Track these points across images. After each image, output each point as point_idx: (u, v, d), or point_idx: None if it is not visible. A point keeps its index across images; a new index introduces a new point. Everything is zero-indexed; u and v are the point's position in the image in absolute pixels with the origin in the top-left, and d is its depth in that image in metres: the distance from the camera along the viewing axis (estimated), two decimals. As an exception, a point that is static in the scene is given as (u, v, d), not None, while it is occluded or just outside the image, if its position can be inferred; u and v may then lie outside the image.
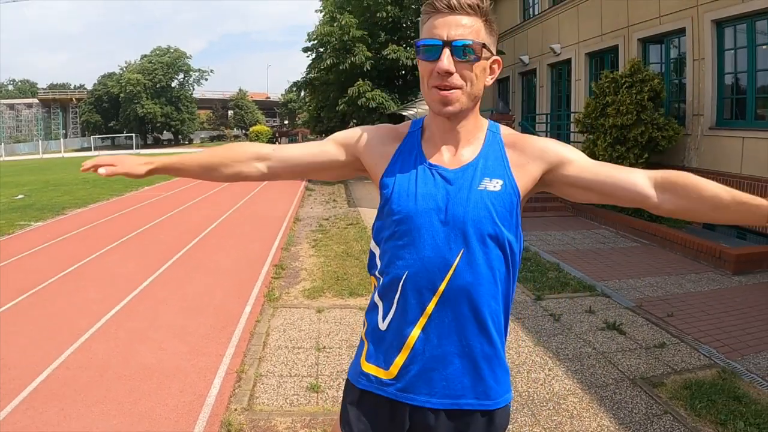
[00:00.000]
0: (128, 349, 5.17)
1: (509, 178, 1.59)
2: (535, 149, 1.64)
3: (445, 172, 1.59)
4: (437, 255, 1.53)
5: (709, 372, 4.63)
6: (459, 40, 1.46)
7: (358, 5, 19.59)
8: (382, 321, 1.63)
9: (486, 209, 1.53)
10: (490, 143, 1.65)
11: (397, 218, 1.58)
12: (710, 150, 10.36)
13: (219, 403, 4.15)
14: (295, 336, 5.47)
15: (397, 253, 1.59)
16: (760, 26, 9.42)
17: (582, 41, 15.42)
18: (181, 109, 79.87)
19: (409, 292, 1.56)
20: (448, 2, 1.47)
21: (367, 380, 1.64)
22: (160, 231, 11.03)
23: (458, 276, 1.52)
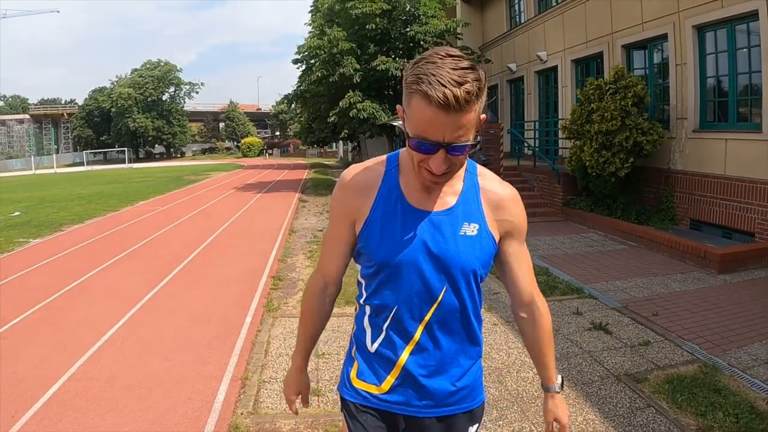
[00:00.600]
0: (136, 360, 5.33)
1: (483, 223, 1.66)
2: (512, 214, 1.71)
3: (429, 216, 1.63)
4: (424, 291, 1.63)
5: (692, 367, 4.81)
6: (457, 144, 1.43)
7: (347, 18, 19.70)
8: (371, 344, 1.74)
9: (466, 253, 1.62)
10: (468, 186, 1.69)
11: (383, 261, 1.65)
12: (694, 152, 10.57)
13: (226, 408, 4.32)
14: (294, 344, 5.61)
15: (384, 290, 1.68)
16: (739, 30, 9.64)
17: (568, 48, 15.66)
18: (172, 122, 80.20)
19: (397, 324, 1.68)
20: (446, 100, 1.34)
21: (360, 396, 1.76)
22: (159, 245, 11.15)
23: (443, 306, 1.65)
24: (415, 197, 1.65)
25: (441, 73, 1.35)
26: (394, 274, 1.64)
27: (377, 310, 1.72)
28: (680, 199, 10.87)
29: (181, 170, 44.31)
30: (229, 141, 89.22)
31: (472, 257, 1.63)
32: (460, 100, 1.34)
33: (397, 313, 1.67)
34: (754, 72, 9.36)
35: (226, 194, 22.01)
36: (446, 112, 1.36)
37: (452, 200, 1.65)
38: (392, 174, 1.70)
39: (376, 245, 1.66)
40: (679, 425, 3.86)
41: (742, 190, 9.38)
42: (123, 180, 34.16)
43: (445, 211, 1.64)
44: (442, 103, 1.34)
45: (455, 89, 1.33)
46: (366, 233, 1.68)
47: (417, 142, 1.45)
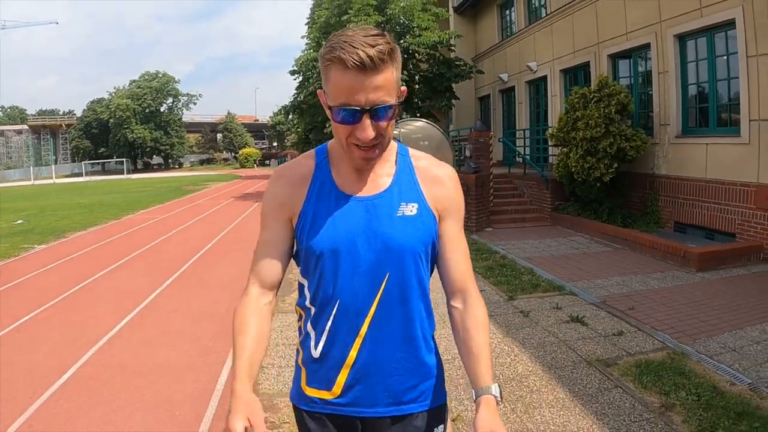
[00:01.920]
0: (144, 350, 5.70)
1: (422, 201, 1.63)
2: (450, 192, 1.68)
3: (363, 201, 1.60)
4: (365, 281, 1.57)
5: (661, 354, 5.13)
6: (380, 106, 1.43)
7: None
8: (315, 348, 1.65)
9: (406, 234, 1.57)
10: (402, 168, 1.66)
11: (321, 252, 1.59)
12: (677, 157, 10.90)
13: (228, 389, 4.66)
14: (291, 335, 5.98)
15: (325, 285, 1.61)
16: (718, 39, 9.99)
17: (556, 58, 16.03)
18: (170, 133, 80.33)
19: (342, 318, 1.59)
20: (361, 60, 1.37)
21: (313, 403, 1.68)
22: (161, 250, 11.49)
23: (387, 297, 1.58)
24: (348, 184, 1.63)
25: (353, 39, 1.39)
26: (332, 265, 1.59)
27: (320, 308, 1.64)
28: (664, 202, 11.20)
29: (180, 180, 44.62)
30: (227, 152, 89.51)
31: (413, 238, 1.59)
32: (374, 59, 1.36)
33: (340, 308, 1.60)
34: (732, 78, 9.70)
35: (224, 203, 22.33)
36: (363, 73, 1.38)
37: (386, 182, 1.63)
38: (323, 165, 1.68)
39: (312, 236, 1.61)
40: (643, 402, 4.17)
41: (722, 193, 9.71)
42: (122, 190, 34.50)
43: (379, 194, 1.61)
44: (358, 64, 1.36)
45: (368, 49, 1.36)
46: (301, 226, 1.64)
47: (339, 111, 1.44)
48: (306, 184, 1.66)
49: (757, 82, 8.87)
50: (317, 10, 22.81)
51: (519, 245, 10.58)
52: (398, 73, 1.47)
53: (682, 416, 3.95)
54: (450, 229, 1.68)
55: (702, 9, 9.92)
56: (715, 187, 9.86)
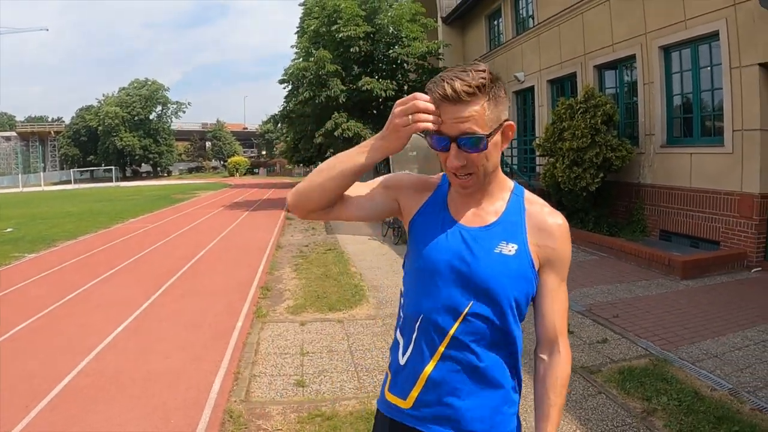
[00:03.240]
0: (138, 358, 5.78)
1: (524, 244, 1.63)
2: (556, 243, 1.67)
3: (465, 230, 1.64)
4: (449, 304, 1.60)
5: (644, 361, 5.24)
6: (463, 137, 1.49)
7: (332, 40, 20.10)
8: (402, 356, 1.72)
9: (498, 272, 1.58)
10: (512, 206, 1.69)
11: (417, 266, 1.68)
12: (662, 166, 11.05)
13: (221, 397, 4.81)
14: (282, 344, 6.10)
15: (416, 297, 1.68)
16: (702, 50, 10.16)
17: (544, 69, 16.18)
18: (159, 141, 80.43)
19: (424, 333, 1.64)
20: (445, 93, 1.46)
21: (390, 408, 1.75)
22: (152, 260, 11.55)
23: (469, 324, 1.59)
24: (457, 211, 1.68)
25: (447, 74, 1.50)
26: (425, 280, 1.65)
27: (409, 317, 1.71)
28: (650, 211, 11.34)
29: (169, 189, 44.70)
30: (216, 160, 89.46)
31: (503, 277, 1.59)
32: (458, 91, 1.44)
33: (424, 322, 1.64)
34: (716, 89, 9.85)
35: (214, 212, 22.41)
36: (448, 103, 1.47)
37: (492, 218, 1.67)
38: (443, 188, 1.75)
39: (413, 250, 1.71)
40: (626, 408, 4.28)
41: (707, 202, 9.85)
42: (111, 198, 34.54)
43: (483, 227, 1.65)
44: (441, 95, 1.46)
45: (454, 82, 1.45)
46: (412, 231, 1.74)
47: (431, 137, 1.54)
48: (426, 195, 1.76)
49: (741, 93, 9.02)
50: (307, 19, 22.91)
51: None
52: (497, 107, 1.52)
53: (664, 421, 4.06)
54: (550, 280, 1.68)
55: (686, 21, 10.09)
56: (700, 196, 10.00)
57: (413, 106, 1.49)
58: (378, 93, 19.50)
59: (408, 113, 1.50)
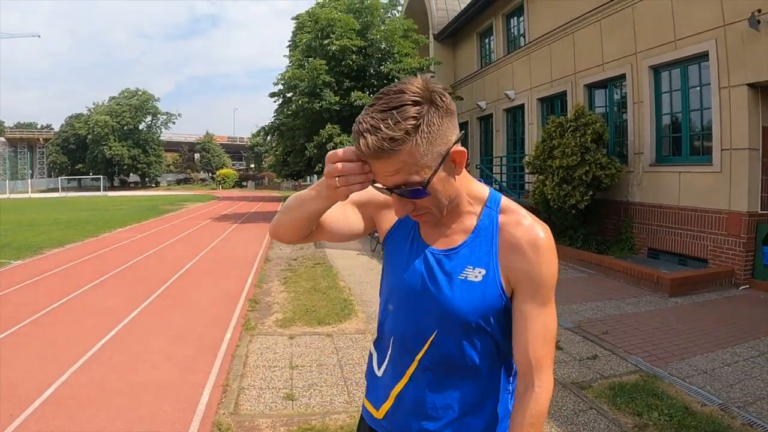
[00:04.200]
0: (124, 369, 5.67)
1: (493, 268, 1.49)
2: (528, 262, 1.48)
3: (431, 253, 1.55)
4: (415, 330, 1.55)
5: (634, 377, 5.25)
6: (396, 188, 1.36)
7: (324, 54, 20.16)
8: (378, 368, 1.70)
9: (460, 300, 1.48)
10: (484, 224, 1.54)
11: (389, 286, 1.65)
12: (651, 185, 11.13)
13: (209, 409, 4.72)
14: (271, 357, 6.02)
15: (388, 316, 1.65)
16: (692, 70, 10.29)
17: (534, 87, 16.29)
18: (148, 151, 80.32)
19: (396, 352, 1.61)
20: (362, 151, 1.32)
21: (366, 413, 1.75)
22: (139, 270, 11.42)
23: (435, 352, 1.53)
24: (428, 232, 1.59)
25: (364, 118, 1.32)
26: (396, 302, 1.61)
27: (382, 335, 1.70)
28: (638, 229, 11.40)
29: (157, 200, 44.52)
30: (204, 172, 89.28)
31: (466, 306, 1.48)
32: (372, 147, 1.28)
33: (395, 343, 1.62)
34: (705, 109, 9.97)
35: (202, 224, 22.29)
36: (372, 159, 1.32)
37: (460, 239, 1.55)
38: None
39: (388, 266, 1.67)
40: (617, 423, 4.27)
41: (695, 220, 9.93)
42: (99, 207, 34.32)
43: (447, 250, 1.54)
44: (363, 152, 1.32)
45: (369, 137, 1.28)
46: (386, 248, 1.69)
47: (376, 185, 1.41)
48: None
49: (729, 113, 9.13)
50: (299, 33, 23.01)
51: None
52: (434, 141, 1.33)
53: (655, 436, 4.05)
54: (523, 305, 1.49)
55: (676, 42, 10.22)
56: (688, 214, 10.08)
57: (335, 170, 1.35)
58: (370, 108, 19.53)
59: (333, 176, 1.36)
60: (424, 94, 1.32)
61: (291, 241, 1.69)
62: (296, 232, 1.63)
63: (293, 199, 1.60)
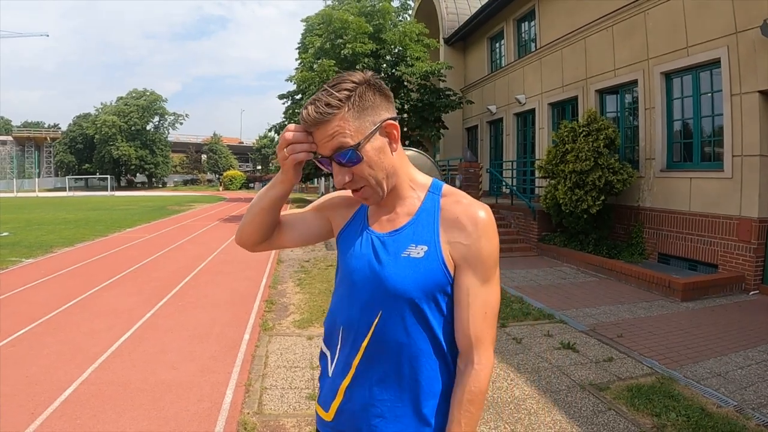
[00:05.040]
0: (144, 368, 5.72)
1: (434, 244, 1.54)
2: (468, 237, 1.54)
3: (376, 236, 1.61)
4: (360, 314, 1.56)
5: (650, 379, 5.34)
6: (335, 153, 1.48)
7: (336, 57, 20.21)
8: (330, 366, 1.69)
9: (403, 276, 1.51)
10: (426, 205, 1.61)
11: (339, 278, 1.70)
12: (662, 190, 11.23)
13: (233, 409, 4.78)
14: (291, 358, 6.08)
15: (336, 307, 1.68)
16: (703, 77, 10.39)
17: (545, 92, 16.41)
18: (155, 152, 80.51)
19: (344, 345, 1.62)
20: (304, 120, 1.48)
21: (318, 420, 1.74)
22: (152, 269, 11.50)
23: (379, 335, 1.54)
24: (373, 219, 1.67)
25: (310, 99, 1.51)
26: (343, 292, 1.65)
27: (330, 329, 1.70)
28: (649, 234, 11.49)
29: (164, 200, 44.58)
30: (211, 173, 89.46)
31: (410, 282, 1.51)
32: (311, 114, 1.45)
33: (341, 336, 1.63)
34: (716, 115, 10.06)
35: (212, 224, 22.40)
36: (313, 128, 1.48)
37: (404, 220, 1.61)
38: None
39: (339, 260, 1.73)
40: (637, 424, 4.37)
41: (705, 225, 10.02)
42: (107, 207, 34.40)
43: (392, 231, 1.60)
44: (305, 121, 1.48)
45: (310, 107, 1.46)
46: (338, 246, 1.75)
47: (319, 160, 1.54)
48: (354, 210, 1.76)
49: (741, 120, 9.22)
50: (309, 36, 23.06)
51: (507, 274, 10.79)
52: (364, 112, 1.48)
53: (674, 436, 4.16)
54: (465, 280, 1.53)
55: (689, 48, 10.32)
56: (699, 220, 10.16)
57: (283, 140, 1.52)
58: (381, 110, 19.56)
59: (282, 148, 1.53)
60: (361, 79, 1.49)
61: (255, 244, 1.78)
62: (259, 229, 1.73)
63: (254, 198, 1.74)
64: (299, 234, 1.82)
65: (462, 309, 1.53)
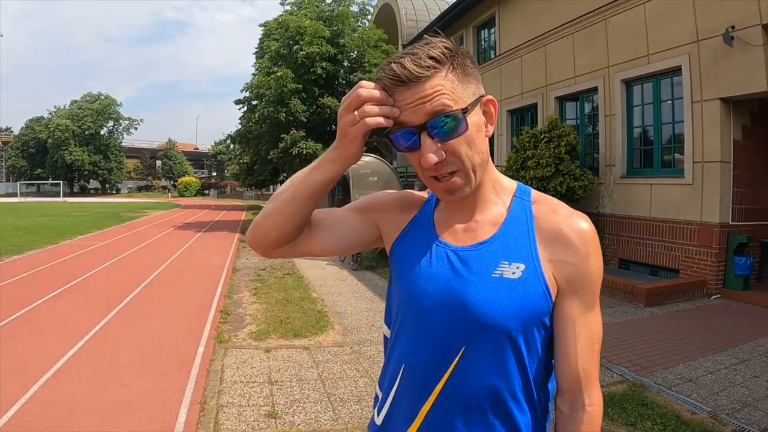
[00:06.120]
0: (93, 386, 5.34)
1: (533, 262, 1.26)
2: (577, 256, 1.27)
3: (455, 251, 1.31)
4: (434, 351, 1.26)
5: (621, 387, 5.29)
6: (433, 119, 1.16)
7: (293, 61, 20.03)
8: (378, 414, 1.42)
9: (498, 302, 1.22)
10: (516, 214, 1.33)
11: (399, 303, 1.36)
12: (622, 197, 11.30)
13: (187, 429, 4.46)
14: (248, 372, 5.79)
15: (397, 342, 1.36)
16: (663, 84, 10.50)
17: (504, 99, 16.41)
18: (109, 157, 79.13)
19: (404, 389, 1.32)
20: (394, 74, 1.16)
21: None
22: (104, 279, 11.08)
23: (456, 380, 1.24)
24: (445, 228, 1.37)
25: (394, 57, 1.20)
26: (408, 321, 1.32)
27: (390, 368, 1.39)
28: (609, 240, 11.55)
29: (118, 207, 43.77)
30: (166, 179, 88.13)
31: (504, 308, 1.22)
32: (409, 68, 1.14)
33: (404, 377, 1.32)
34: (677, 122, 10.16)
35: (166, 232, 21.97)
36: (402, 87, 1.17)
37: (488, 231, 1.31)
38: (431, 203, 1.45)
39: (398, 279, 1.38)
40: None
41: (666, 231, 10.10)
42: (59, 213, 33.53)
43: (476, 245, 1.30)
44: (391, 78, 1.17)
45: (406, 59, 1.16)
46: (393, 260, 1.42)
47: (395, 135, 1.22)
48: (411, 214, 1.45)
49: (701, 126, 9.33)
50: (266, 40, 22.87)
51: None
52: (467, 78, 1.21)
53: (651, 445, 4.09)
54: (570, 307, 1.28)
55: (649, 56, 10.41)
56: (660, 226, 10.24)
57: (356, 97, 1.18)
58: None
59: (352, 108, 1.19)
60: (456, 45, 1.22)
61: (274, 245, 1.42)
62: (287, 224, 1.37)
63: (283, 185, 1.38)
64: (337, 239, 1.46)
65: (567, 342, 1.27)
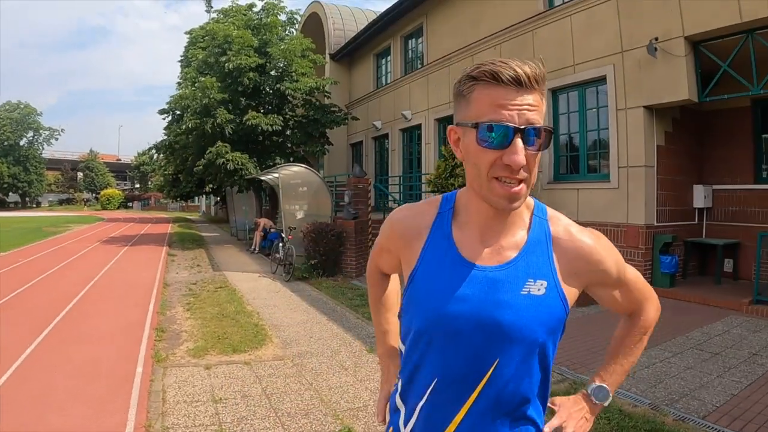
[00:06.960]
0: (31, 415, 4.99)
1: (554, 280, 1.39)
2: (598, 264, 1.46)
3: (484, 272, 1.38)
4: (468, 366, 1.36)
5: (562, 385, 5.44)
6: (531, 126, 1.23)
7: (220, 71, 19.71)
8: (404, 426, 1.50)
9: (529, 318, 1.34)
10: (535, 235, 1.43)
11: (424, 324, 1.41)
12: (549, 202, 11.31)
13: None
14: (190, 391, 5.56)
15: (425, 360, 1.42)
16: (589, 93, 10.92)
17: (432, 108, 16.68)
18: (29, 169, 75.66)
19: (436, 402, 1.41)
20: (517, 76, 1.22)
21: None
22: (29, 299, 10.51)
23: (492, 386, 1.36)
24: (468, 247, 1.41)
25: (505, 60, 1.26)
26: (436, 340, 1.39)
27: (414, 384, 1.47)
28: (540, 244, 11.80)
29: (39, 221, 41.80)
30: (88, 192, 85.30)
31: (535, 323, 1.34)
32: (530, 75, 1.22)
33: (435, 391, 1.40)
34: (602, 129, 10.58)
35: (91, 246, 21.20)
36: (517, 88, 1.23)
37: (513, 251, 1.40)
38: (445, 218, 1.48)
39: (415, 302, 1.44)
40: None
41: (593, 235, 10.39)
42: (-27, 231, 31.86)
43: (503, 265, 1.38)
44: (513, 78, 1.22)
45: (523, 66, 1.23)
46: (414, 283, 1.46)
47: (487, 127, 1.25)
48: (421, 240, 1.48)
49: (626, 133, 9.73)
50: (192, 49, 22.47)
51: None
52: (543, 101, 1.30)
53: (599, 439, 4.21)
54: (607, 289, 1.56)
55: (575, 66, 10.78)
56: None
57: None
58: (264, 128, 19.16)
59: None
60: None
61: None
62: None
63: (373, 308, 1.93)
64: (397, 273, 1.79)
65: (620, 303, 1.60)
